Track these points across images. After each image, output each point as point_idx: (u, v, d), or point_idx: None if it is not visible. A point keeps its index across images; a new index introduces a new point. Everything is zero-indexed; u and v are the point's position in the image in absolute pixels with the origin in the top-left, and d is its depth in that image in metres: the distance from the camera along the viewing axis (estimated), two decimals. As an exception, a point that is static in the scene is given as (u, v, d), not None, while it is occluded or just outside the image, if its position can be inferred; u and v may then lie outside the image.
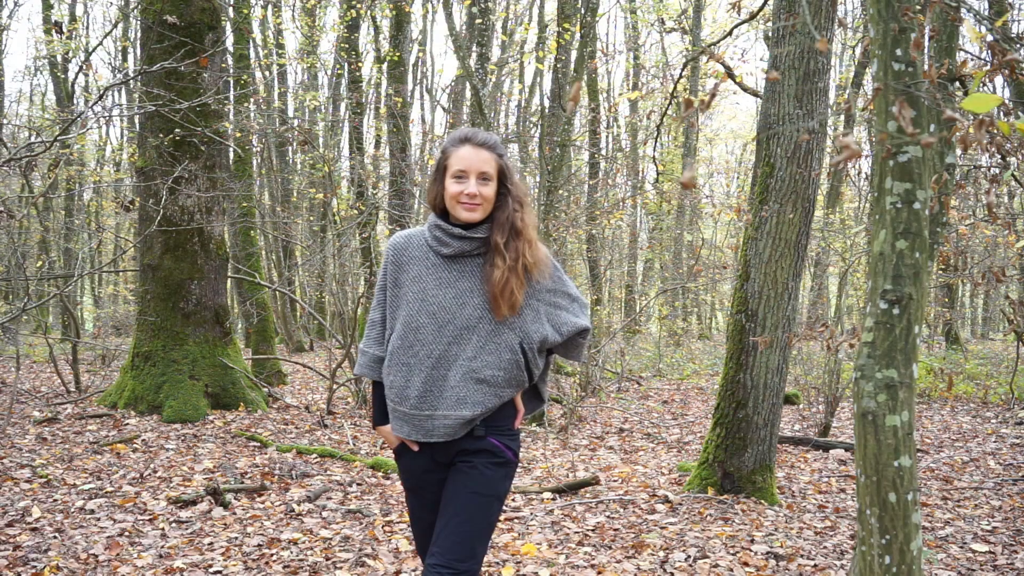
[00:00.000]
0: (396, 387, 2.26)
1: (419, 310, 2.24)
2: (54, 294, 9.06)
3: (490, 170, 2.24)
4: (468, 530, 2.18)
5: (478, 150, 2.24)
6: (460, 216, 2.24)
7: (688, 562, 3.76)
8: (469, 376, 2.21)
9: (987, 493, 5.31)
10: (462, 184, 2.23)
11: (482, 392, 2.22)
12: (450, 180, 2.24)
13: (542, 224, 8.31)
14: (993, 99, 1.60)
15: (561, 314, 2.35)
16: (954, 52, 3.10)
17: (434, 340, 2.22)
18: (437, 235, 2.27)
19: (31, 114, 22.37)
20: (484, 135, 2.27)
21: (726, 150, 30.58)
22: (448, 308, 2.23)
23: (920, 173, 1.77)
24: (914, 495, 1.82)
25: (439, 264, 2.27)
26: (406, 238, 2.35)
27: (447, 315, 2.22)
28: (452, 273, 2.26)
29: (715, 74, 10.18)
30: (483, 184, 2.23)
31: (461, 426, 2.23)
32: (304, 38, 16.85)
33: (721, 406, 4.93)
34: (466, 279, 2.25)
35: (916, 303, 1.79)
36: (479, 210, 2.23)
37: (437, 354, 2.22)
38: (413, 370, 2.24)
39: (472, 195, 2.21)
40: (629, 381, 11.30)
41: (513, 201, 2.28)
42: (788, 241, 4.72)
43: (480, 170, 2.23)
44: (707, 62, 14.80)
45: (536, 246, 2.29)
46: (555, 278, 2.35)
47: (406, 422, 2.26)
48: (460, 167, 2.22)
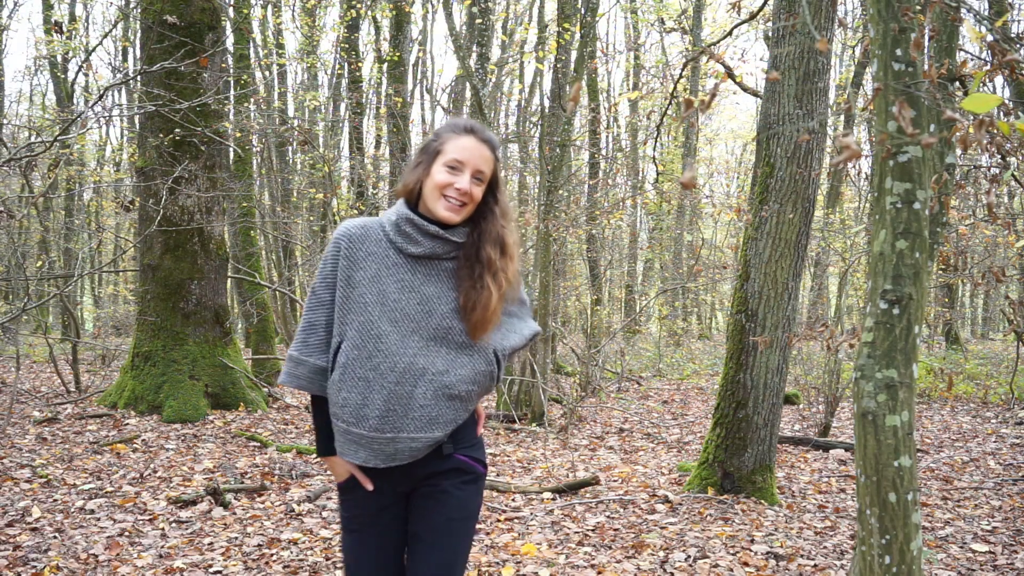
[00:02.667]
0: (351, 405, 1.92)
1: (379, 316, 1.92)
2: (54, 294, 9.06)
3: (487, 171, 1.98)
4: (450, 561, 1.97)
5: (481, 145, 1.97)
6: (439, 213, 1.95)
7: (688, 562, 3.76)
8: (440, 393, 1.94)
9: (987, 493, 5.31)
10: (455, 176, 1.94)
11: (454, 409, 1.97)
12: (440, 168, 1.95)
13: (542, 224, 8.31)
14: (993, 99, 1.60)
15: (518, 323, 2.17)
16: (954, 52, 3.10)
17: (398, 351, 1.91)
18: (406, 230, 1.96)
19: (31, 114, 22.38)
20: (488, 132, 2.02)
21: (726, 150, 30.58)
22: (412, 316, 1.93)
23: (920, 173, 1.77)
24: (914, 495, 1.82)
25: (401, 264, 1.96)
26: (362, 228, 2.00)
27: (411, 323, 1.93)
28: (417, 276, 1.96)
29: (715, 74, 10.18)
30: (476, 183, 1.97)
31: (429, 447, 1.97)
32: (304, 38, 16.84)
33: (721, 406, 4.93)
34: (432, 284, 1.96)
35: (916, 303, 1.79)
36: (464, 211, 1.96)
37: (401, 367, 1.91)
38: (372, 386, 1.91)
39: (464, 192, 1.93)
40: (629, 381, 11.30)
41: (500, 212, 2.03)
42: (788, 241, 4.72)
43: (478, 167, 1.96)
44: (707, 62, 14.79)
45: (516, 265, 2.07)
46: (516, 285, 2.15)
47: (363, 446, 1.94)
48: (458, 156, 1.94)
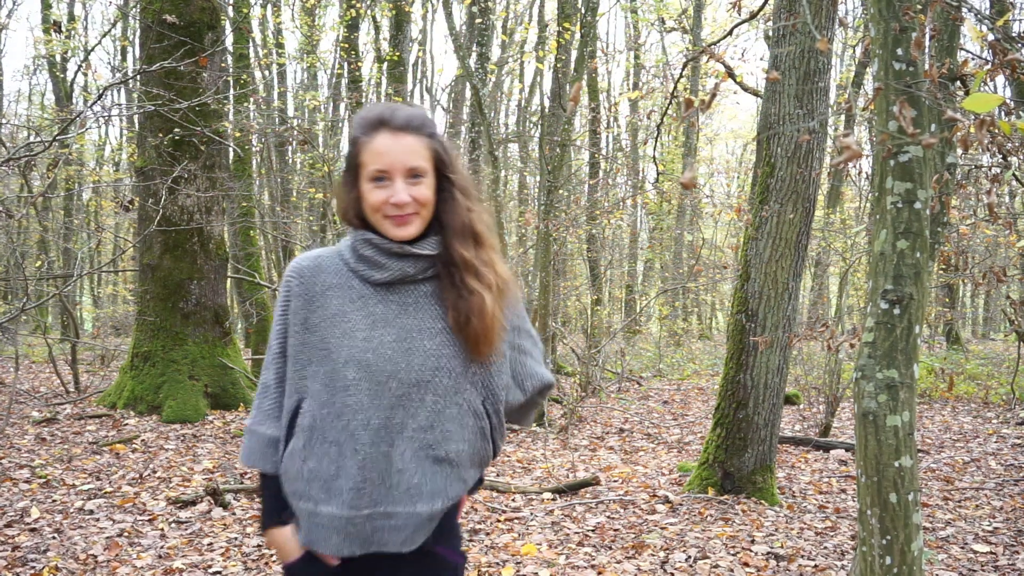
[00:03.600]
0: (321, 478, 1.54)
1: (346, 362, 1.56)
2: (53, 294, 9.05)
3: (422, 162, 1.58)
4: None
5: (400, 136, 1.57)
6: (389, 233, 1.58)
7: (688, 562, 3.76)
8: (424, 453, 1.56)
9: (988, 493, 5.30)
10: (385, 189, 1.56)
11: (443, 476, 1.57)
12: (367, 185, 1.58)
13: (542, 224, 8.28)
14: (994, 99, 1.60)
15: (526, 362, 1.71)
16: (955, 51, 3.10)
17: (371, 404, 1.54)
18: (366, 254, 1.60)
19: (30, 114, 22.37)
20: (405, 113, 1.60)
21: (726, 150, 30.58)
22: (387, 357, 1.55)
23: (921, 173, 1.77)
24: (915, 495, 1.82)
25: (369, 296, 1.60)
26: (315, 260, 1.66)
27: (388, 366, 1.55)
28: (390, 307, 1.59)
29: (715, 74, 10.17)
30: (414, 184, 1.57)
31: (418, 529, 1.57)
32: (304, 38, 16.84)
33: (721, 406, 4.93)
34: (410, 315, 1.59)
35: (917, 303, 1.79)
36: (415, 221, 1.58)
37: (376, 424, 1.54)
38: (345, 451, 1.54)
39: (401, 204, 1.55)
40: (629, 381, 11.30)
41: (462, 196, 1.63)
42: (788, 241, 4.72)
43: (407, 165, 1.56)
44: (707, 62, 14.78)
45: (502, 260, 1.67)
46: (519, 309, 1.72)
47: (336, 530, 1.54)
48: (378, 166, 1.56)
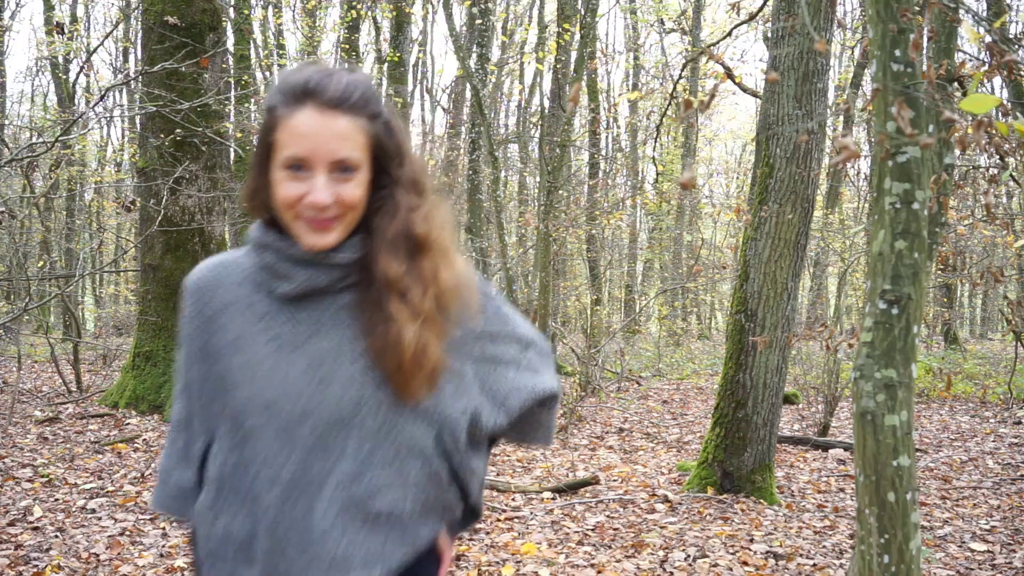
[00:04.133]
0: (234, 539, 1.23)
1: (249, 399, 1.22)
2: (55, 294, 9.07)
3: (355, 153, 1.18)
4: None
5: (330, 116, 1.16)
6: (302, 239, 1.20)
7: (688, 561, 3.77)
8: (352, 511, 1.20)
9: (986, 492, 5.32)
10: (301, 183, 1.17)
11: (379, 537, 1.22)
12: (280, 173, 1.19)
13: (542, 224, 8.28)
14: (991, 100, 1.61)
15: (505, 374, 1.34)
16: (953, 53, 3.11)
17: (280, 453, 1.20)
18: (267, 261, 1.23)
19: (32, 115, 22.37)
20: (340, 83, 1.19)
21: (726, 150, 30.60)
22: (298, 392, 1.20)
23: (919, 173, 1.78)
24: (913, 494, 1.84)
25: (274, 313, 1.24)
26: (215, 271, 1.30)
27: (298, 404, 1.20)
28: (300, 327, 1.23)
29: (714, 74, 10.19)
30: (342, 181, 1.18)
31: None
32: (305, 39, 16.86)
33: (721, 406, 4.95)
34: (326, 335, 1.22)
35: (915, 303, 1.80)
36: (336, 228, 1.19)
37: (288, 477, 1.20)
38: (256, 508, 1.21)
39: (320, 205, 1.16)
40: (629, 381, 11.31)
41: (405, 191, 1.24)
42: (787, 241, 4.74)
43: (335, 156, 1.17)
44: (707, 62, 14.79)
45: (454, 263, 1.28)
46: (491, 313, 1.34)
47: None
48: (296, 152, 1.16)
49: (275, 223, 1.25)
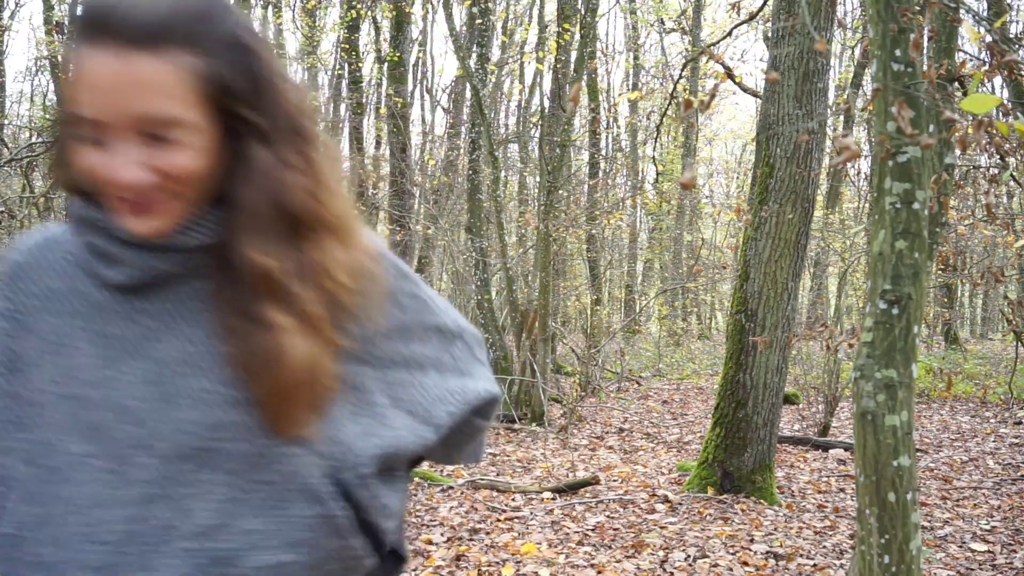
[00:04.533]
0: None
1: (63, 426, 0.85)
2: (54, 294, 9.07)
3: (169, 107, 0.80)
4: None
5: (130, 57, 0.78)
6: (124, 223, 0.85)
7: (688, 562, 3.77)
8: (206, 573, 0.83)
9: (986, 492, 5.32)
10: (100, 154, 0.82)
11: None
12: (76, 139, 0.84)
13: (542, 224, 8.26)
14: (992, 100, 1.61)
15: (425, 381, 0.98)
16: (953, 53, 3.11)
17: (108, 498, 0.83)
18: (94, 242, 0.88)
19: (32, 114, 22.39)
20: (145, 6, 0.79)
21: (726, 150, 30.60)
22: (134, 412, 0.84)
23: (919, 173, 1.78)
24: (913, 494, 1.83)
25: (104, 306, 0.88)
26: (37, 249, 0.93)
27: (134, 429, 0.84)
28: (135, 326, 0.87)
29: (715, 74, 10.20)
30: (158, 146, 0.81)
31: None
32: (304, 38, 16.86)
33: (721, 406, 4.94)
34: (170, 336, 0.87)
35: (915, 303, 1.80)
36: (162, 209, 0.83)
37: (120, 531, 0.82)
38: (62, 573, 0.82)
39: (122, 184, 0.81)
40: (629, 381, 11.31)
41: (273, 147, 0.86)
42: (788, 241, 4.73)
43: (136, 112, 0.79)
44: (707, 62, 14.80)
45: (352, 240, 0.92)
46: (404, 301, 0.98)
47: None
48: (87, 112, 0.80)
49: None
